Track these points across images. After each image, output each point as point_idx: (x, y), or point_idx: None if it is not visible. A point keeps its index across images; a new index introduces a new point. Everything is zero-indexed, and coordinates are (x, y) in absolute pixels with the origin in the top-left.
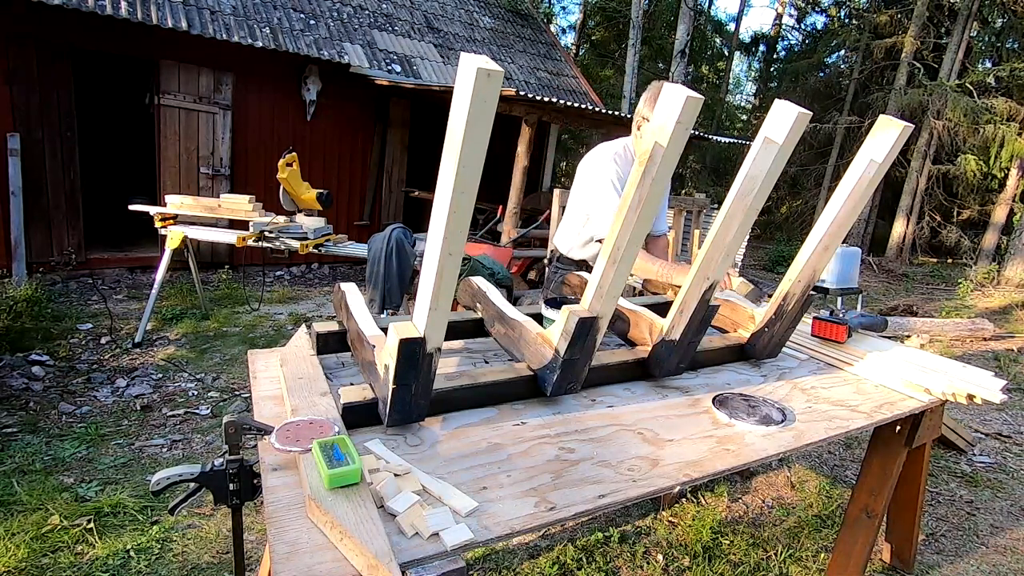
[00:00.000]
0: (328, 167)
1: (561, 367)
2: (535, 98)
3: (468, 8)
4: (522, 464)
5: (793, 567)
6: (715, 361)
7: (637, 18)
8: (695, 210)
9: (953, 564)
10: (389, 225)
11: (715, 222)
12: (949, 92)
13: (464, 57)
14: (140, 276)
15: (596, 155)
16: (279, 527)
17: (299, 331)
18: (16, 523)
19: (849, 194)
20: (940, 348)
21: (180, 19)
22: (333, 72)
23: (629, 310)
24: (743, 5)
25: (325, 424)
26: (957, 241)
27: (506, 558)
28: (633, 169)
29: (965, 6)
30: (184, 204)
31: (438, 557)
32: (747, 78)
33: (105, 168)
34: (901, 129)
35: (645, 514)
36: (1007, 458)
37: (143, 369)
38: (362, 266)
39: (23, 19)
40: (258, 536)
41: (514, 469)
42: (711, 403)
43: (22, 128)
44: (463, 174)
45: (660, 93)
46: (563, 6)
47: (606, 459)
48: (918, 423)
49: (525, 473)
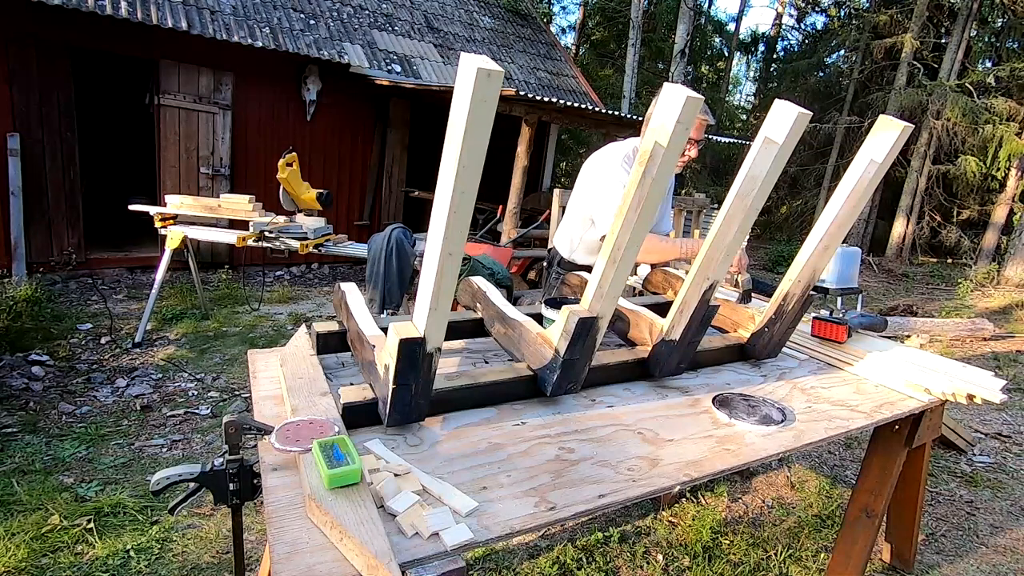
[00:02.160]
0: (328, 167)
1: (561, 367)
2: (535, 98)
3: (468, 8)
4: (522, 464)
5: (793, 567)
6: (715, 361)
7: (637, 18)
8: (695, 210)
9: (953, 564)
10: (389, 225)
11: (715, 222)
12: (949, 92)
13: (464, 57)
14: (140, 276)
15: (604, 156)
16: (279, 527)
17: (299, 331)
18: (16, 523)
19: (849, 194)
20: (940, 348)
21: (180, 19)
22: (333, 72)
23: (629, 310)
24: (743, 5)
25: (325, 424)
26: (957, 241)
27: (506, 558)
28: (633, 169)
29: (965, 6)
30: (184, 204)
31: (438, 557)
32: (747, 78)
33: (105, 168)
34: (901, 129)
35: (645, 514)
36: (1007, 458)
37: (143, 369)
38: (362, 266)
39: (23, 19)
40: (258, 536)
41: (514, 469)
42: (711, 403)
43: (22, 128)
44: (463, 174)
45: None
46: (563, 6)
47: (606, 459)
48: (918, 423)
49: (525, 473)
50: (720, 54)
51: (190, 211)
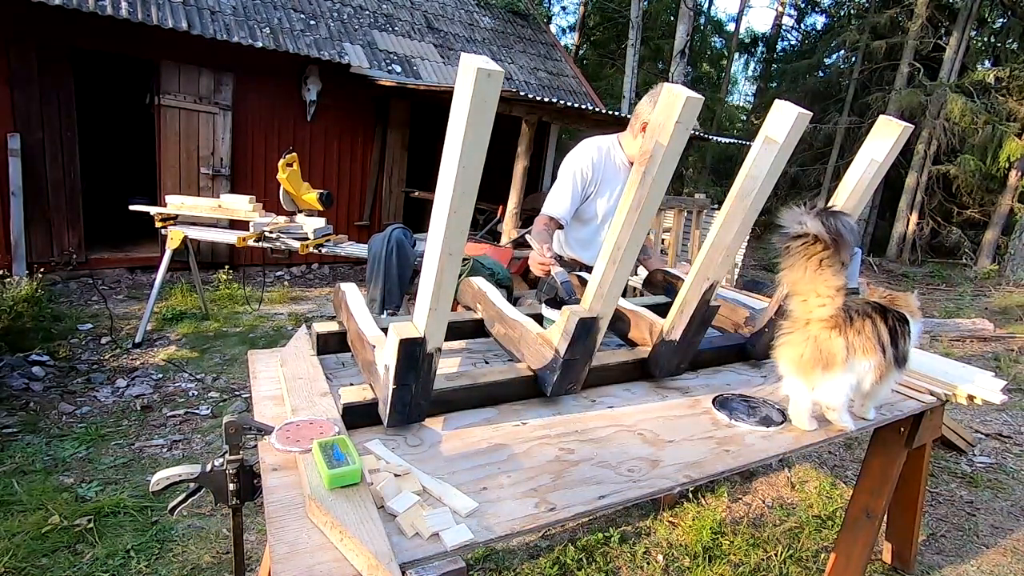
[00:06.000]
0: (328, 167)
1: (561, 367)
2: (535, 98)
3: (468, 8)
4: (522, 465)
5: (793, 567)
6: (715, 361)
7: (637, 18)
8: (695, 210)
9: (953, 565)
10: (389, 225)
11: (715, 222)
12: (949, 92)
13: (464, 57)
14: (140, 276)
15: (577, 148)
16: (279, 527)
17: (299, 331)
18: (16, 523)
19: (849, 194)
20: (940, 348)
21: (180, 19)
22: (333, 72)
23: (629, 310)
24: (743, 5)
25: (325, 424)
26: (957, 241)
27: (506, 558)
28: (633, 169)
29: (965, 6)
30: (184, 204)
31: (438, 557)
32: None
33: (105, 168)
34: (901, 130)
35: (645, 515)
36: (1007, 458)
37: (143, 369)
38: (362, 266)
39: (23, 19)
40: (258, 536)
41: (514, 470)
42: (711, 404)
43: (22, 128)
44: (463, 174)
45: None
46: (563, 6)
47: (606, 460)
48: (918, 423)
49: (525, 474)
50: (720, 54)
51: (190, 211)
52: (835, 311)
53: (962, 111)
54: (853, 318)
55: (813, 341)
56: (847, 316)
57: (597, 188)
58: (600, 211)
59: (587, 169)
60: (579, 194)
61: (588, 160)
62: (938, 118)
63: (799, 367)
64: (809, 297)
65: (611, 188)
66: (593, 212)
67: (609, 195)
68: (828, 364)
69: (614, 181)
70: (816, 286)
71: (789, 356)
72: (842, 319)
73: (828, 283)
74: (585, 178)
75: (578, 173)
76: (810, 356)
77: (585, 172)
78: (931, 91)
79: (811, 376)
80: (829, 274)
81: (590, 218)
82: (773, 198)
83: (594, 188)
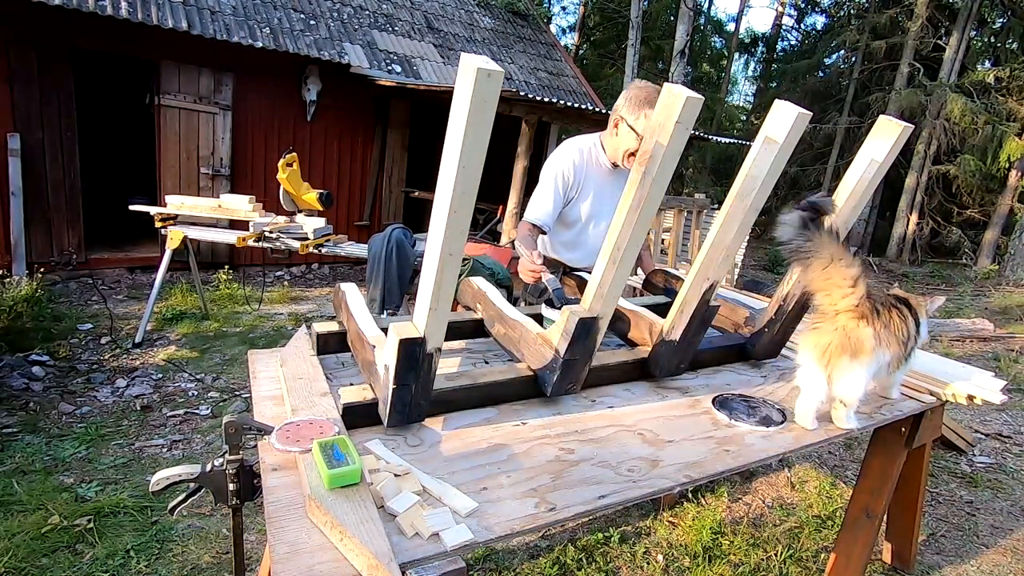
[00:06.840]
0: (328, 167)
1: (561, 367)
2: (535, 98)
3: (468, 8)
4: (522, 464)
5: (793, 567)
6: (715, 361)
7: (637, 18)
8: (695, 210)
9: (953, 565)
10: (389, 225)
11: (715, 222)
12: (949, 92)
13: (464, 57)
14: (140, 276)
15: (557, 151)
16: (279, 527)
17: (299, 331)
18: (16, 523)
19: (849, 194)
20: (940, 348)
21: (180, 19)
22: (333, 72)
23: (629, 310)
24: (743, 5)
25: (325, 424)
26: (957, 241)
27: (506, 558)
28: (633, 169)
29: (965, 6)
30: (184, 204)
31: (438, 557)
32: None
33: (105, 168)
34: (901, 130)
35: (645, 515)
36: (1007, 458)
37: (143, 369)
38: (362, 266)
39: (23, 19)
40: (258, 536)
41: (514, 469)
42: (711, 404)
43: (22, 128)
44: (463, 174)
45: (640, 95)
46: (563, 6)
47: (606, 460)
48: (918, 423)
49: (525, 474)
50: (720, 54)
51: (190, 211)
52: (859, 300)
53: (962, 111)
54: (879, 310)
55: (842, 330)
56: (873, 308)
57: (580, 191)
58: (584, 213)
59: (568, 173)
60: (561, 198)
61: (569, 163)
62: (938, 118)
63: (824, 354)
64: (832, 290)
65: (594, 189)
66: (577, 215)
67: (592, 196)
68: (856, 352)
69: (597, 182)
70: (834, 278)
71: (815, 342)
72: (868, 309)
73: (844, 274)
74: (567, 182)
75: (559, 177)
76: (838, 343)
77: (567, 176)
78: (931, 91)
79: (837, 364)
80: (842, 265)
81: (574, 220)
82: (773, 198)
83: (576, 191)
